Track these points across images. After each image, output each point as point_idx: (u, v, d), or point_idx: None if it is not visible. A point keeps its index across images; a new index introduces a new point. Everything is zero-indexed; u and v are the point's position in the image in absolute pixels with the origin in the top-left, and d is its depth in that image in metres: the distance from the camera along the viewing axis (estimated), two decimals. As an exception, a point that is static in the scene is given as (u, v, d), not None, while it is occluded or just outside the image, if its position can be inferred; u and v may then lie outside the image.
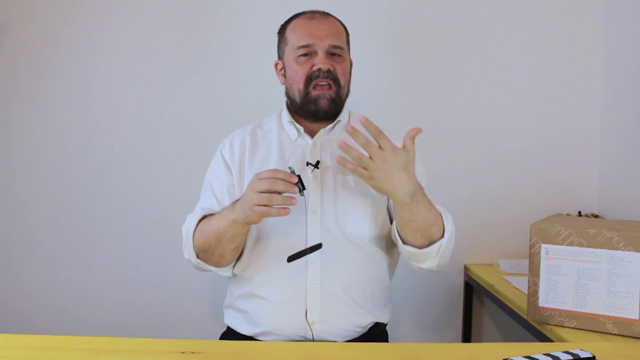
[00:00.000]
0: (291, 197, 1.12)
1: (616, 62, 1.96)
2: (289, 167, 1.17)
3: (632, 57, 1.86)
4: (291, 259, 1.23)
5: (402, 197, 1.17)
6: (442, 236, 1.25)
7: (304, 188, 1.16)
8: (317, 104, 1.34)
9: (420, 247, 1.25)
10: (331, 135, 1.41)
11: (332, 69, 1.33)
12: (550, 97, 2.04)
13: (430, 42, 2.02)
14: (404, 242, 1.27)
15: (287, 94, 1.42)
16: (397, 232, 1.28)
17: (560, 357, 1.00)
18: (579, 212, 2.01)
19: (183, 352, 1.02)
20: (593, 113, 2.04)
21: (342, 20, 1.45)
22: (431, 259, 1.27)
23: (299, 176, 1.15)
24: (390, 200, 1.36)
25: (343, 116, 1.42)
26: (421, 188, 1.22)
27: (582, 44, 2.03)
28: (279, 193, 1.13)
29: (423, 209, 1.20)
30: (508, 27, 2.03)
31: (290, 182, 1.13)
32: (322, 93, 1.34)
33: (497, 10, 2.02)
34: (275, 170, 1.15)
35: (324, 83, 1.33)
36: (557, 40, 2.03)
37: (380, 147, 1.14)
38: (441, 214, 1.27)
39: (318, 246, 1.25)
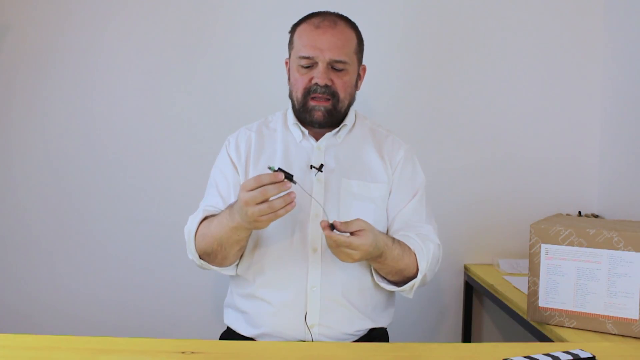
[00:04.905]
0: (289, 193, 1.11)
1: (616, 63, 1.96)
2: (269, 167, 1.12)
3: (632, 58, 1.86)
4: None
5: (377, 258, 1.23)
6: (416, 275, 1.28)
7: (292, 176, 1.12)
8: (312, 114, 1.34)
9: (397, 284, 1.31)
10: (336, 139, 1.40)
11: (330, 83, 1.32)
12: (551, 97, 2.04)
13: (437, 46, 2.03)
14: (382, 280, 1.32)
15: (290, 96, 1.42)
16: (375, 271, 1.32)
17: (560, 357, 1.00)
18: (579, 212, 2.01)
19: (183, 352, 1.02)
20: (593, 114, 2.04)
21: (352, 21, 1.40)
22: (406, 292, 1.32)
23: (279, 169, 1.10)
24: (389, 202, 1.38)
25: (349, 119, 1.42)
26: (385, 245, 1.22)
27: (582, 46, 2.04)
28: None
29: (391, 261, 1.24)
30: (510, 31, 2.03)
31: (279, 182, 1.10)
32: (318, 105, 1.33)
33: (502, 16, 2.03)
34: (258, 177, 1.10)
35: (321, 97, 1.33)
36: (558, 42, 2.03)
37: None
38: (415, 253, 1.28)
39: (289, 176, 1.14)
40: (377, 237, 1.19)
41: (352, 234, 1.14)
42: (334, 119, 1.37)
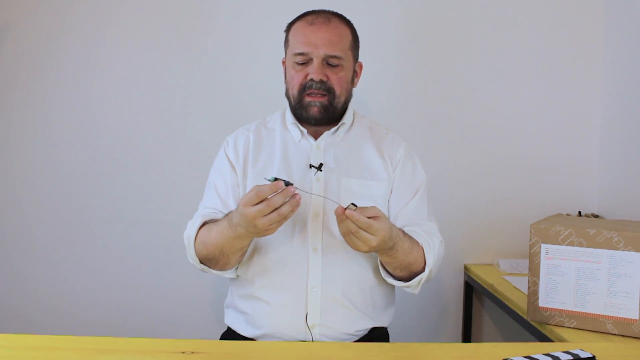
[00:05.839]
0: (293, 196, 1.11)
1: (616, 63, 1.96)
2: (266, 179, 1.13)
3: (632, 58, 1.86)
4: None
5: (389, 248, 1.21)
6: (423, 269, 1.28)
7: (292, 183, 1.12)
8: (307, 111, 1.34)
9: (403, 280, 1.30)
10: (335, 137, 1.40)
11: (325, 79, 1.32)
12: (551, 97, 2.04)
13: (436, 44, 2.03)
14: (389, 275, 1.31)
15: (286, 94, 1.42)
16: (382, 266, 1.31)
17: (560, 357, 1.00)
18: (579, 212, 2.01)
19: (183, 352, 1.02)
20: (593, 113, 2.04)
21: (350, 20, 1.41)
22: (412, 287, 1.31)
23: (276, 179, 1.11)
24: (390, 201, 1.38)
25: (347, 118, 1.42)
26: (397, 235, 1.21)
27: (583, 47, 2.04)
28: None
29: (402, 254, 1.23)
30: (512, 32, 2.03)
31: (281, 190, 1.10)
32: (313, 101, 1.33)
33: (501, 16, 2.03)
34: (260, 191, 1.10)
35: (316, 92, 1.33)
36: (558, 41, 2.03)
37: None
38: (423, 247, 1.27)
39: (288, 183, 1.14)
40: (392, 226, 1.19)
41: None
42: (331, 115, 1.36)
